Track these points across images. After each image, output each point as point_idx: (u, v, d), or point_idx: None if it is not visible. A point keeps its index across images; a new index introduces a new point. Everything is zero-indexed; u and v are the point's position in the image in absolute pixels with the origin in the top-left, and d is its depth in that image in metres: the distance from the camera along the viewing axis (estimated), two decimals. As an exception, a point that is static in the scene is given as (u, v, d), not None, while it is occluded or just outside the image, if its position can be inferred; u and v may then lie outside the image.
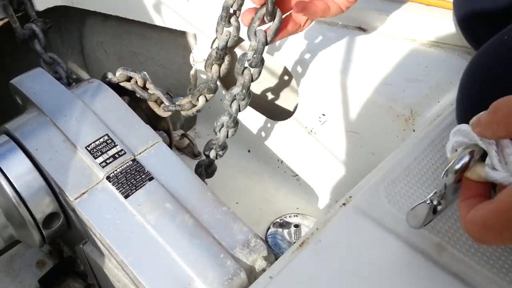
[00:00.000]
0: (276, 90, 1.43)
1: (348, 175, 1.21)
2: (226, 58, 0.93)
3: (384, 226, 0.67)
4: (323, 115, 1.15)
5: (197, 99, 1.00)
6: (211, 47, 1.31)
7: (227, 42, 0.89)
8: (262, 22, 0.84)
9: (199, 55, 1.32)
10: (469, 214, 0.48)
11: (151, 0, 1.28)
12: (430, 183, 0.71)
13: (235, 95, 0.94)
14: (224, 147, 1.04)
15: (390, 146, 1.04)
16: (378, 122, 1.03)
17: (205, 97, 1.00)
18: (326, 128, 1.17)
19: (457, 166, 0.52)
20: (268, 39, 0.85)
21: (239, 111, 0.96)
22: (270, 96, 1.44)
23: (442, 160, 0.74)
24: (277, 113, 1.40)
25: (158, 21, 1.32)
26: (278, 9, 0.82)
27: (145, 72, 1.06)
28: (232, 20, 0.88)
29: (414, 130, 0.96)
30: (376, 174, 0.74)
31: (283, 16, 0.84)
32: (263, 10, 0.82)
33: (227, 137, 1.01)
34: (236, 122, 0.99)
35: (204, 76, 1.41)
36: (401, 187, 0.70)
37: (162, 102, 1.04)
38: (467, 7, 0.89)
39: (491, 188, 0.51)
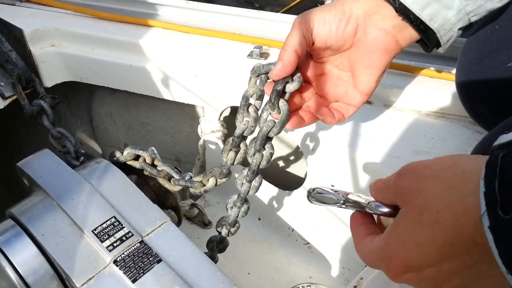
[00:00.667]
0: (286, 159, 1.44)
1: (360, 244, 1.18)
2: (242, 146, 0.92)
3: (398, 314, 0.64)
4: (332, 185, 1.14)
5: (208, 180, 0.99)
6: (219, 119, 1.33)
7: (243, 131, 0.89)
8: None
9: (207, 127, 1.33)
10: (359, 244, 0.59)
11: (159, 76, 1.31)
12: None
13: (245, 176, 0.93)
14: (235, 224, 1.03)
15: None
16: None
17: (216, 180, 0.99)
18: (335, 198, 1.16)
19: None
20: (272, 134, 0.84)
21: (248, 193, 0.95)
22: (280, 165, 1.44)
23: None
24: (287, 182, 1.39)
25: (166, 95, 1.34)
26: (284, 103, 0.79)
27: (153, 148, 1.06)
28: (251, 110, 0.88)
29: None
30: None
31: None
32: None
33: (237, 216, 1.00)
34: (245, 201, 0.98)
35: (212, 147, 1.41)
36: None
37: (171, 177, 1.03)
38: (468, 87, 0.88)
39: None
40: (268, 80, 0.82)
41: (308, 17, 0.76)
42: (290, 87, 0.78)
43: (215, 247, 1.07)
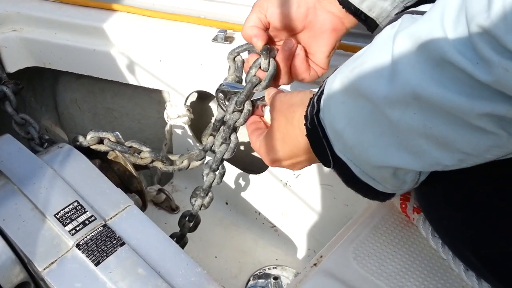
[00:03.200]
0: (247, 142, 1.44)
1: (324, 225, 1.21)
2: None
3: (353, 288, 0.66)
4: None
5: (182, 161, 1.00)
6: (185, 104, 1.33)
7: (223, 116, 0.94)
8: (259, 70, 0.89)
9: (173, 112, 1.33)
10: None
11: (123, 61, 1.29)
12: (397, 242, 0.71)
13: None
14: (207, 193, 1.03)
15: (362, 198, 1.05)
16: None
17: (189, 163, 1.00)
18: (300, 181, 1.18)
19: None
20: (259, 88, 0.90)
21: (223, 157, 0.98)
22: (245, 149, 1.45)
23: (407, 219, 0.75)
24: (253, 167, 1.40)
25: (131, 80, 1.33)
26: (273, 60, 0.88)
27: (117, 132, 1.06)
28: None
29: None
30: (345, 233, 0.74)
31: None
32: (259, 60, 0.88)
33: (211, 184, 1.01)
34: (218, 169, 0.99)
35: (178, 132, 1.41)
36: (369, 247, 0.70)
37: (137, 153, 1.04)
38: None
39: None
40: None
41: (262, 1, 0.89)
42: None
43: (187, 223, 1.06)
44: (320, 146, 0.63)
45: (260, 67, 0.88)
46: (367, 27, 0.88)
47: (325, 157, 0.63)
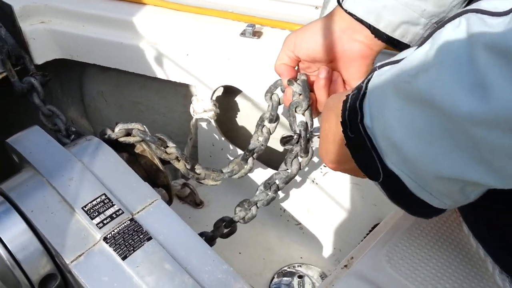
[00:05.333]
0: (278, 137, 1.42)
1: (351, 224, 1.19)
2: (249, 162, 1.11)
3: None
4: (325, 166, 1.13)
5: (200, 174, 1.09)
6: (211, 98, 1.32)
7: (255, 148, 1.07)
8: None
9: (199, 106, 1.32)
10: None
11: (150, 54, 1.29)
12: (432, 245, 0.69)
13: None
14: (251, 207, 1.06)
15: (392, 198, 1.03)
16: (379, 174, 1.02)
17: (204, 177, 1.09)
18: (328, 179, 1.16)
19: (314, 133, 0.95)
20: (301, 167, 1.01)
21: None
22: (272, 144, 1.43)
23: (443, 221, 0.73)
24: (279, 163, 1.38)
25: (158, 73, 1.33)
26: (312, 147, 0.98)
27: (145, 126, 1.06)
28: (264, 130, 1.07)
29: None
30: (378, 235, 0.72)
31: None
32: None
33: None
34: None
35: (204, 126, 1.41)
36: (403, 250, 0.69)
37: (164, 146, 1.04)
38: None
39: None
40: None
41: (291, 38, 0.92)
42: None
43: (222, 228, 1.06)
44: (365, 157, 0.57)
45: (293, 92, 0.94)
46: (398, 50, 0.84)
47: (372, 170, 0.57)
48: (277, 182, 1.02)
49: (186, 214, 1.37)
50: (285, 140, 0.99)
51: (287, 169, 1.01)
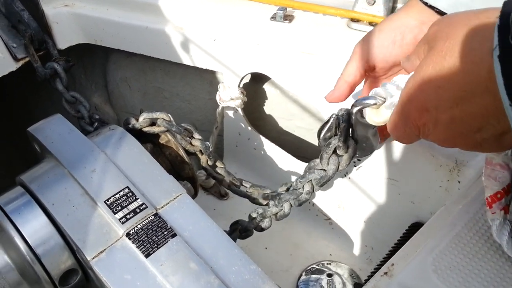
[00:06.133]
0: (308, 129, 1.37)
1: (385, 222, 1.13)
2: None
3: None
4: (358, 160, 1.07)
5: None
6: (239, 86, 1.26)
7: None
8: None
9: (226, 94, 1.27)
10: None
11: (176, 39, 1.24)
12: (484, 253, 0.63)
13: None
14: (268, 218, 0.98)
15: (432, 196, 0.97)
16: (419, 171, 0.96)
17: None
18: (362, 173, 1.10)
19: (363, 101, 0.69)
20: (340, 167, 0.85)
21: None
22: (301, 135, 1.38)
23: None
24: (307, 154, 1.33)
25: (184, 59, 1.28)
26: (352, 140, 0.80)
27: (169, 115, 1.01)
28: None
29: (459, 182, 0.88)
30: (422, 240, 0.67)
31: None
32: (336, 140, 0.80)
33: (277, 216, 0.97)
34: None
35: (230, 115, 1.35)
36: (451, 259, 0.63)
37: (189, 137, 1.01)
38: None
39: None
40: None
41: (362, 45, 0.80)
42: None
43: (237, 232, 1.00)
44: None
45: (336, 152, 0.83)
46: None
47: None
48: (312, 182, 0.90)
49: (210, 206, 1.33)
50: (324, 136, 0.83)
51: (323, 169, 0.87)
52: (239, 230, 0.98)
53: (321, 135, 0.82)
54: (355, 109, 0.72)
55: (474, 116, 0.47)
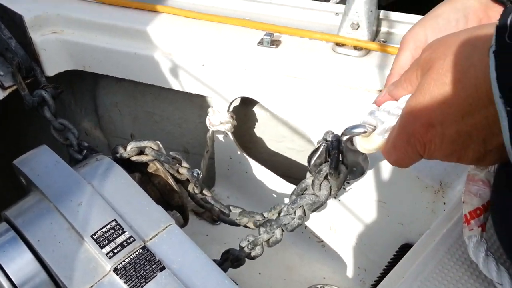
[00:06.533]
0: (299, 151, 1.37)
1: (376, 243, 1.12)
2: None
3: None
4: (347, 182, 1.07)
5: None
6: (228, 110, 1.26)
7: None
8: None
9: (215, 118, 1.26)
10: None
11: (165, 64, 1.24)
12: (466, 279, 0.63)
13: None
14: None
15: (419, 217, 0.98)
16: (405, 193, 0.96)
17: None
18: (351, 195, 1.10)
19: (353, 130, 0.68)
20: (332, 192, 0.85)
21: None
22: (292, 157, 1.37)
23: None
24: (299, 174, 1.33)
25: (173, 84, 1.27)
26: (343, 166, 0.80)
27: (158, 142, 1.01)
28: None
29: (444, 203, 0.88)
30: (407, 266, 0.66)
31: None
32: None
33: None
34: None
35: (221, 139, 1.35)
36: (435, 285, 0.62)
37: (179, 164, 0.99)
38: None
39: None
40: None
41: (417, 31, 0.69)
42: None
43: (229, 261, 0.99)
44: None
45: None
46: None
47: None
48: (304, 207, 0.90)
49: (203, 231, 1.32)
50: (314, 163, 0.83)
51: (315, 194, 0.87)
52: (231, 260, 0.97)
53: (312, 162, 0.83)
54: (344, 138, 0.72)
55: (479, 128, 0.48)
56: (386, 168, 1.01)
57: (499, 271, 0.60)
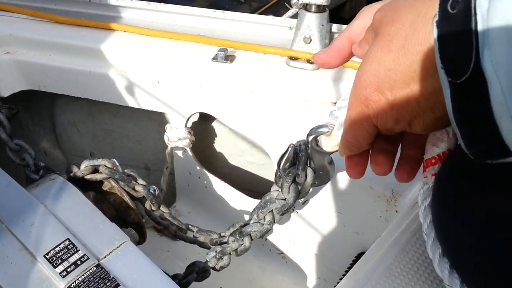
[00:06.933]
0: (258, 165, 1.38)
1: (334, 253, 1.14)
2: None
3: None
4: (315, 185, 1.09)
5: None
6: (185, 126, 1.27)
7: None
8: None
9: (173, 135, 1.27)
10: None
11: (121, 82, 1.24)
12: (413, 285, 0.64)
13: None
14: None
15: (374, 226, 1.00)
16: (360, 203, 0.98)
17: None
18: (308, 207, 1.11)
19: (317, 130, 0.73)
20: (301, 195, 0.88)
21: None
22: (252, 169, 1.39)
23: (426, 255, 0.68)
24: (260, 187, 1.34)
25: (129, 101, 1.28)
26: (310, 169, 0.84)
27: (114, 160, 1.01)
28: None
29: (396, 211, 0.91)
30: (357, 274, 0.68)
31: None
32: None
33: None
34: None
35: (180, 155, 1.35)
36: (383, 293, 0.64)
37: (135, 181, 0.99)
38: None
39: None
40: None
41: (375, 7, 0.62)
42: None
43: (194, 274, 0.99)
44: (459, 45, 0.41)
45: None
46: None
47: (459, 64, 0.42)
48: (273, 211, 0.91)
49: (164, 248, 1.31)
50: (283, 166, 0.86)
51: (283, 198, 0.89)
52: (196, 272, 0.98)
53: (281, 165, 0.86)
54: (310, 138, 0.76)
55: (426, 96, 0.48)
56: (341, 178, 1.03)
57: (452, 273, 0.61)
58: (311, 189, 0.89)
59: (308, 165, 0.84)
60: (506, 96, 0.39)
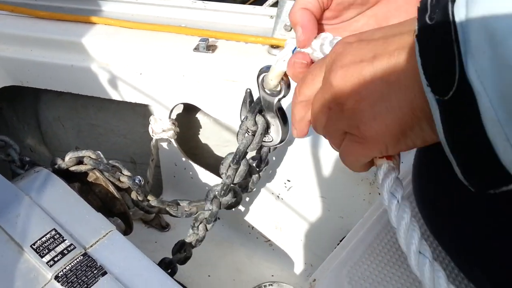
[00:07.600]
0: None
1: (320, 238, 1.16)
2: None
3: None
4: (288, 181, 1.10)
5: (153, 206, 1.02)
6: (169, 117, 1.28)
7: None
8: None
9: (158, 126, 1.27)
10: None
11: (103, 75, 1.24)
12: (394, 262, 0.66)
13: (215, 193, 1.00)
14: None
15: (358, 209, 1.01)
16: (343, 187, 1.00)
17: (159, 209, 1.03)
18: (293, 194, 1.13)
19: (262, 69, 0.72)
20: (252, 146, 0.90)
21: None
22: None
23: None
24: (243, 177, 1.35)
25: (113, 95, 1.28)
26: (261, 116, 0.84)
27: (99, 152, 1.01)
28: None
29: (379, 194, 0.92)
30: (339, 254, 0.69)
31: None
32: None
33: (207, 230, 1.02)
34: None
35: (165, 146, 1.36)
36: (364, 269, 0.65)
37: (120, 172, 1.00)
38: None
39: None
40: None
41: None
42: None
43: (177, 247, 1.03)
44: (443, 55, 0.38)
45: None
46: None
47: (444, 78, 0.38)
48: (216, 193, 1.01)
49: (152, 239, 1.32)
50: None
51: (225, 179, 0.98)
52: (179, 246, 1.00)
53: (241, 115, 0.89)
54: (258, 79, 0.74)
55: (386, 109, 0.44)
56: (324, 163, 1.05)
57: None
58: (269, 149, 0.96)
59: (259, 112, 0.85)
60: (496, 109, 0.35)
